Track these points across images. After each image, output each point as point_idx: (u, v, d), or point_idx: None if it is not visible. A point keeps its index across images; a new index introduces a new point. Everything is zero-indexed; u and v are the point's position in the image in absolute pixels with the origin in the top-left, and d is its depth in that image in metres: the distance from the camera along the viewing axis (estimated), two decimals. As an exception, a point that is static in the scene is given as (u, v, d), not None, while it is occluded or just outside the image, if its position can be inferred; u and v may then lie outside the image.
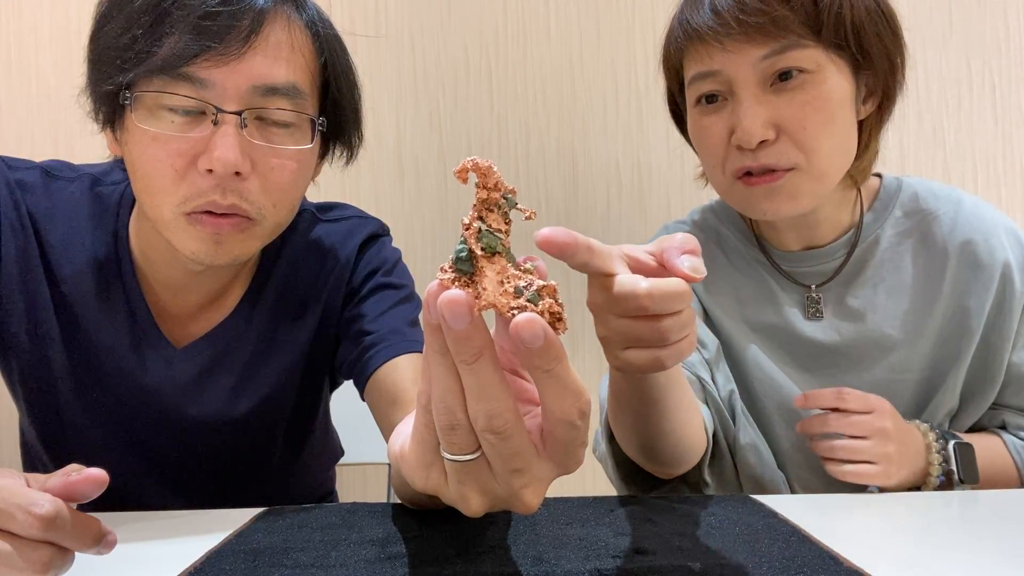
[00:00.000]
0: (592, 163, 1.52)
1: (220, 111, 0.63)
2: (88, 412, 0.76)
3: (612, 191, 1.52)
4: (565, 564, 0.48)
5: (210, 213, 0.64)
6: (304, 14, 0.68)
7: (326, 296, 0.81)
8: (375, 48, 1.49)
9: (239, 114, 0.63)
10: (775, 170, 0.73)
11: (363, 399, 0.76)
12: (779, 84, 0.72)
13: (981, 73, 1.51)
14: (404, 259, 0.86)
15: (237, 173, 0.63)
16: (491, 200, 0.34)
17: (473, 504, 0.36)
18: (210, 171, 0.62)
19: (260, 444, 0.83)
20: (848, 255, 0.83)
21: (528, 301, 0.33)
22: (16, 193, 0.73)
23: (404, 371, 0.71)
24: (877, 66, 0.74)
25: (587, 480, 0.72)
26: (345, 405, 0.97)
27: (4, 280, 0.72)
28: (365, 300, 0.80)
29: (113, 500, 0.52)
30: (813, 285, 0.84)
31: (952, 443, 0.73)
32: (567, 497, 0.63)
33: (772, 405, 0.83)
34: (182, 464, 0.80)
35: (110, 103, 0.65)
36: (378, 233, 0.86)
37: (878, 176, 0.87)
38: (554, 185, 1.51)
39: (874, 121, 0.79)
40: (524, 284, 0.33)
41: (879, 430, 0.71)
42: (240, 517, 0.60)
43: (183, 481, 0.80)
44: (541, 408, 0.35)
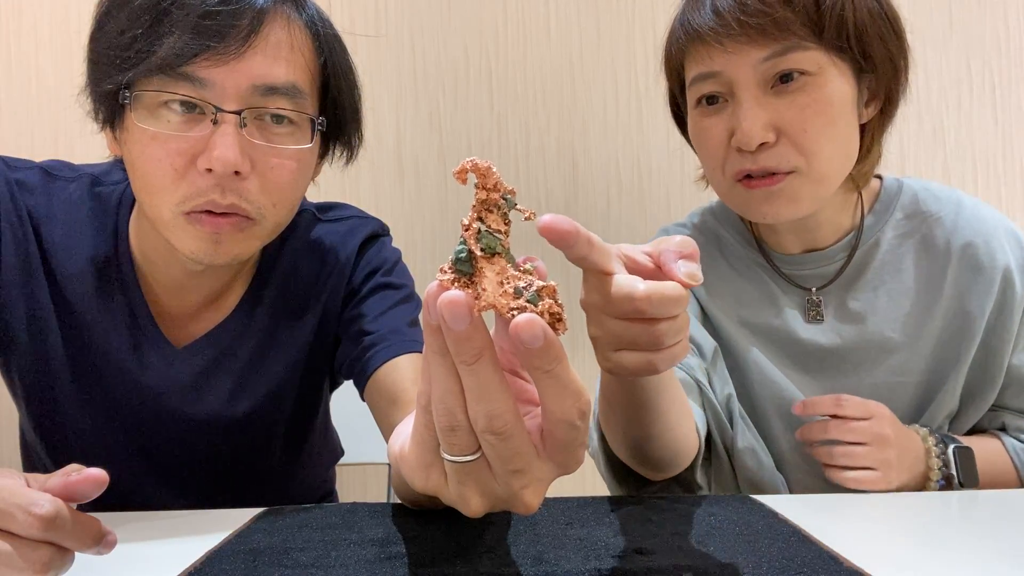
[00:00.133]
0: (592, 163, 1.52)
1: (220, 110, 0.63)
2: (88, 412, 0.76)
3: (612, 191, 1.52)
4: (565, 564, 0.48)
5: (209, 212, 0.64)
6: (304, 14, 0.68)
7: (326, 296, 0.81)
8: (375, 48, 1.49)
9: (239, 113, 0.63)
10: (775, 173, 0.73)
11: (363, 399, 0.76)
12: (780, 86, 0.72)
13: (981, 73, 1.51)
14: (404, 259, 0.86)
15: (237, 173, 0.63)
16: (490, 201, 0.34)
17: (473, 505, 0.36)
18: (209, 170, 0.62)
19: (260, 444, 0.83)
20: (849, 258, 0.83)
21: (528, 302, 0.32)
22: (16, 193, 0.73)
23: (404, 371, 0.71)
24: (880, 69, 0.74)
25: (587, 480, 0.72)
26: (345, 405, 0.97)
27: (4, 280, 0.72)
28: (365, 300, 0.80)
29: (113, 500, 0.52)
30: (813, 288, 0.84)
31: (952, 447, 0.73)
32: (567, 497, 0.63)
33: (772, 408, 0.83)
34: (182, 464, 0.80)
35: (110, 102, 0.65)
36: (378, 233, 0.86)
37: (878, 178, 0.87)
38: (554, 185, 1.51)
39: (876, 125, 0.78)
40: (524, 285, 0.33)
41: (878, 436, 0.71)
42: (240, 517, 0.60)
43: (183, 481, 0.80)
44: (541, 408, 0.34)
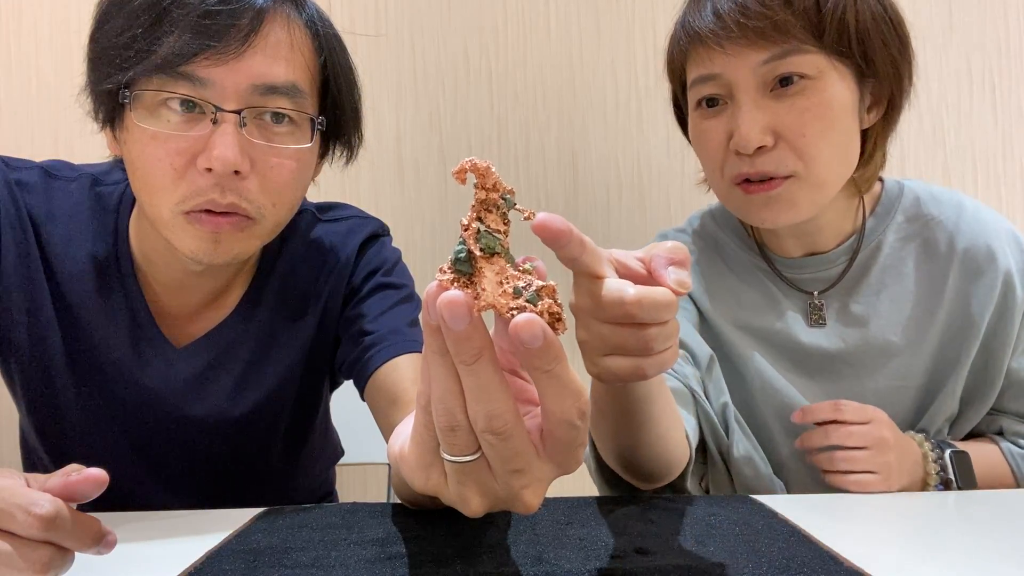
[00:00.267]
0: (592, 163, 1.52)
1: (219, 110, 0.63)
2: (88, 412, 0.76)
3: (612, 191, 1.52)
4: (565, 564, 0.48)
5: (209, 212, 0.64)
6: (304, 13, 0.68)
7: (326, 296, 0.81)
8: (375, 48, 1.48)
9: (238, 113, 0.63)
10: (772, 178, 0.72)
11: (363, 399, 0.76)
12: (779, 89, 0.71)
13: (981, 73, 1.51)
14: (404, 259, 0.86)
15: (236, 172, 0.63)
16: (490, 201, 0.34)
17: (473, 505, 0.36)
18: (209, 170, 0.62)
19: (260, 444, 0.83)
20: (850, 261, 0.82)
21: (527, 301, 0.32)
22: (16, 193, 0.73)
23: (404, 371, 0.71)
24: (882, 74, 0.73)
25: (587, 480, 0.71)
26: (345, 405, 0.97)
27: (4, 280, 0.72)
28: (365, 300, 0.80)
29: (113, 500, 0.52)
30: (815, 292, 0.83)
31: (948, 451, 0.73)
32: (567, 497, 0.63)
33: (772, 413, 0.82)
34: (182, 464, 0.80)
35: (110, 102, 0.65)
36: (378, 233, 0.86)
37: (879, 180, 0.86)
38: (554, 185, 1.51)
39: (879, 130, 0.77)
40: (523, 284, 0.33)
41: (878, 440, 0.70)
42: (240, 517, 0.60)
43: (183, 481, 0.80)
44: (541, 408, 0.34)
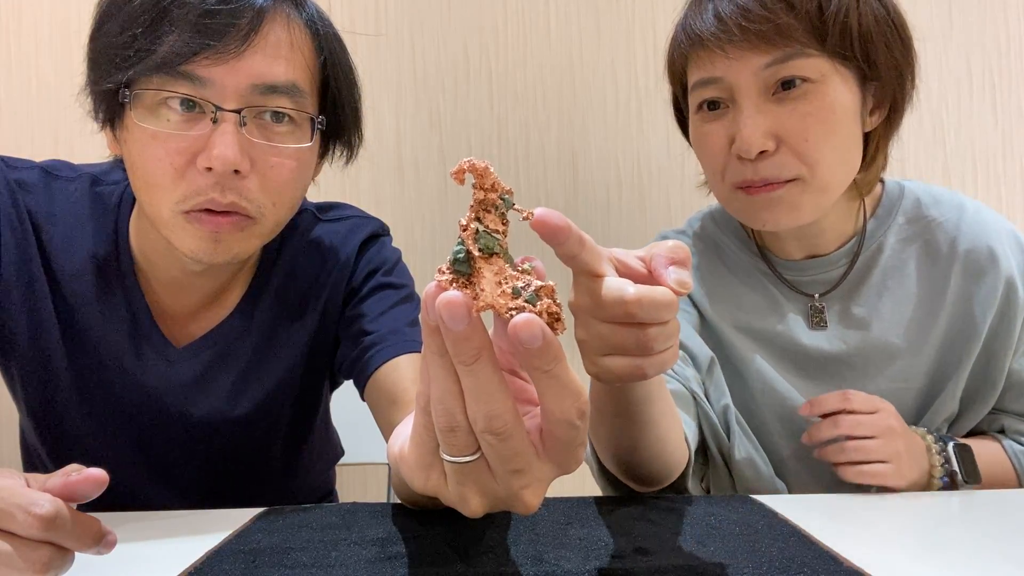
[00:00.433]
0: (592, 163, 1.52)
1: (219, 109, 0.63)
2: (88, 412, 0.76)
3: (612, 191, 1.52)
4: (565, 564, 0.48)
5: (209, 212, 0.64)
6: (304, 13, 0.68)
7: (326, 296, 0.81)
8: (375, 48, 1.49)
9: (238, 112, 0.63)
10: (775, 182, 0.72)
11: (363, 399, 0.76)
12: (781, 93, 0.71)
13: (981, 73, 1.51)
14: (404, 259, 0.86)
15: (236, 171, 0.63)
16: (488, 201, 0.34)
17: (473, 505, 0.36)
18: (209, 169, 0.62)
19: (260, 444, 0.83)
20: (851, 263, 0.82)
21: (526, 302, 0.32)
22: (16, 193, 0.73)
23: (404, 371, 0.71)
24: (885, 77, 0.72)
25: (587, 480, 0.71)
26: (345, 405, 0.97)
27: (4, 280, 0.71)
28: (365, 300, 0.80)
29: (113, 500, 0.52)
30: (816, 294, 0.83)
31: (951, 444, 0.73)
32: (567, 497, 0.63)
33: (772, 415, 0.82)
34: (182, 464, 0.80)
35: (110, 102, 0.65)
36: (378, 233, 0.86)
37: (880, 181, 0.86)
38: (554, 185, 1.51)
39: (881, 133, 0.77)
40: (522, 285, 0.33)
41: (887, 428, 0.70)
42: (240, 517, 0.60)
43: (183, 481, 0.80)
44: (540, 408, 0.34)
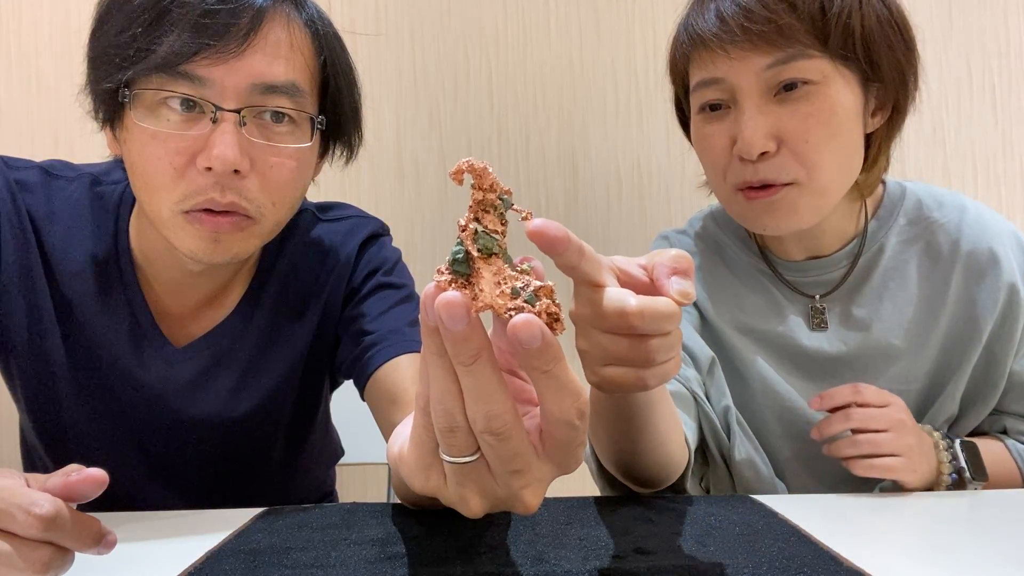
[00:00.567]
0: (592, 163, 1.52)
1: (219, 109, 0.63)
2: (88, 412, 0.76)
3: (612, 191, 1.52)
4: (565, 564, 0.48)
5: (209, 212, 0.64)
6: (303, 12, 0.68)
7: (326, 296, 0.81)
8: (375, 48, 1.49)
9: (238, 112, 0.63)
10: (773, 185, 0.72)
11: (363, 399, 0.76)
12: (783, 94, 0.70)
13: (981, 73, 1.51)
14: (404, 259, 0.86)
15: (236, 171, 0.63)
16: (487, 201, 0.34)
17: (473, 505, 0.36)
18: (209, 169, 0.62)
19: (260, 444, 0.83)
20: (852, 264, 0.82)
21: (525, 302, 0.32)
22: (16, 193, 0.73)
23: (404, 371, 0.71)
24: (887, 78, 0.72)
25: (587, 480, 0.71)
26: (345, 405, 0.97)
27: (4, 280, 0.72)
28: (365, 300, 0.80)
29: (113, 500, 0.52)
30: (817, 295, 0.83)
31: (957, 442, 0.73)
32: (567, 497, 0.63)
33: (773, 416, 0.82)
34: (182, 464, 0.80)
35: (109, 101, 0.65)
36: (378, 232, 0.86)
37: (881, 182, 0.85)
38: (554, 185, 1.51)
39: (883, 135, 0.76)
40: (521, 285, 0.33)
41: (898, 422, 0.70)
42: (240, 517, 0.60)
43: (183, 481, 0.80)
44: (540, 409, 0.34)
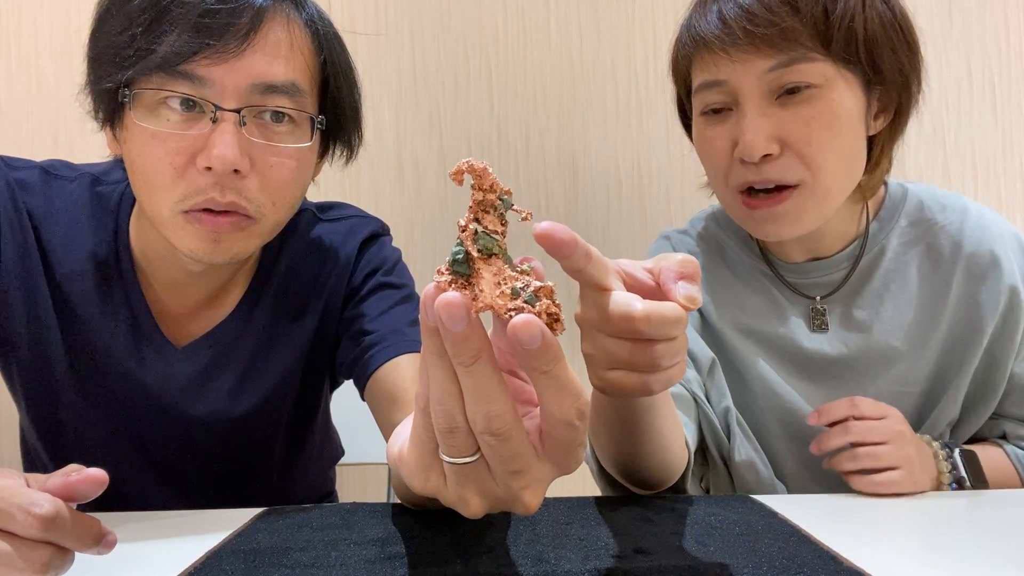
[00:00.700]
0: (592, 163, 1.51)
1: (219, 109, 0.63)
2: (88, 412, 0.76)
3: (612, 191, 1.52)
4: (565, 564, 0.48)
5: (209, 211, 0.64)
6: (303, 12, 0.68)
7: (326, 295, 0.81)
8: (375, 48, 1.48)
9: (238, 112, 0.63)
10: (781, 187, 0.72)
11: (363, 399, 0.76)
12: (785, 97, 0.70)
13: (981, 73, 1.51)
14: (404, 259, 0.86)
15: (236, 171, 0.63)
16: (487, 201, 0.34)
17: (473, 506, 0.36)
18: (209, 169, 0.62)
19: (260, 444, 0.83)
20: (853, 266, 0.82)
21: (525, 302, 0.32)
22: (16, 192, 0.73)
23: (404, 371, 0.71)
24: (890, 81, 0.72)
25: (587, 480, 0.71)
26: (345, 405, 0.97)
27: (4, 280, 0.72)
28: (365, 300, 0.80)
29: (113, 500, 0.52)
30: (818, 296, 0.83)
31: (956, 450, 0.73)
32: (567, 497, 0.63)
33: (774, 417, 0.82)
34: (182, 464, 0.80)
35: (109, 101, 0.65)
36: (378, 232, 0.86)
37: (882, 183, 0.85)
38: (554, 185, 1.51)
39: (886, 137, 0.76)
40: (521, 285, 0.33)
41: (897, 434, 0.70)
42: (240, 517, 0.60)
43: (183, 481, 0.80)
44: (540, 409, 0.34)
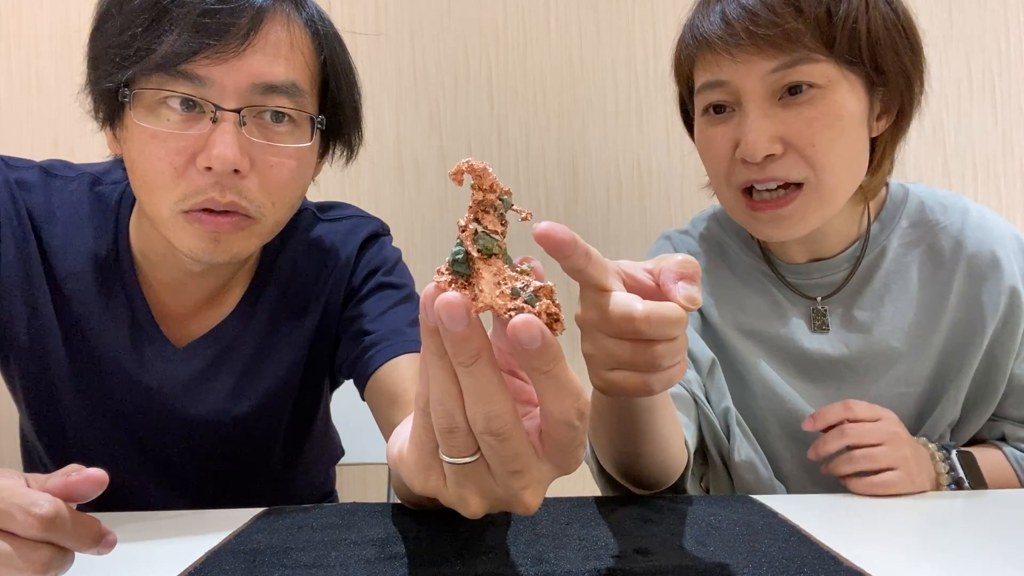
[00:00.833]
0: (592, 163, 1.51)
1: (219, 109, 0.63)
2: (88, 412, 0.76)
3: (612, 191, 1.52)
4: (565, 564, 0.48)
5: (208, 211, 0.64)
6: (303, 12, 0.68)
7: (326, 295, 0.81)
8: (375, 48, 1.48)
9: (238, 112, 0.63)
10: (786, 186, 0.72)
11: (363, 399, 0.76)
12: (788, 98, 0.70)
13: (981, 73, 1.51)
14: (404, 259, 0.86)
15: (236, 171, 0.63)
16: (487, 202, 0.34)
17: (472, 506, 0.36)
18: (209, 169, 0.62)
19: (260, 444, 0.83)
20: (854, 267, 0.82)
21: (525, 302, 0.32)
22: (16, 192, 0.73)
23: (404, 371, 0.71)
24: (892, 83, 0.72)
25: (587, 480, 0.71)
26: (345, 405, 0.97)
27: (4, 280, 0.72)
28: (365, 300, 0.80)
29: (113, 500, 0.53)
30: (819, 297, 0.83)
31: (953, 452, 0.73)
32: (567, 497, 0.63)
33: (774, 418, 0.82)
34: (182, 464, 0.80)
35: (109, 101, 0.65)
36: (378, 232, 0.86)
37: (884, 184, 0.85)
38: (554, 185, 1.51)
39: (888, 139, 0.76)
40: (521, 285, 0.33)
41: (892, 435, 0.70)
42: (240, 517, 0.60)
43: (183, 481, 0.80)
44: (539, 409, 0.34)
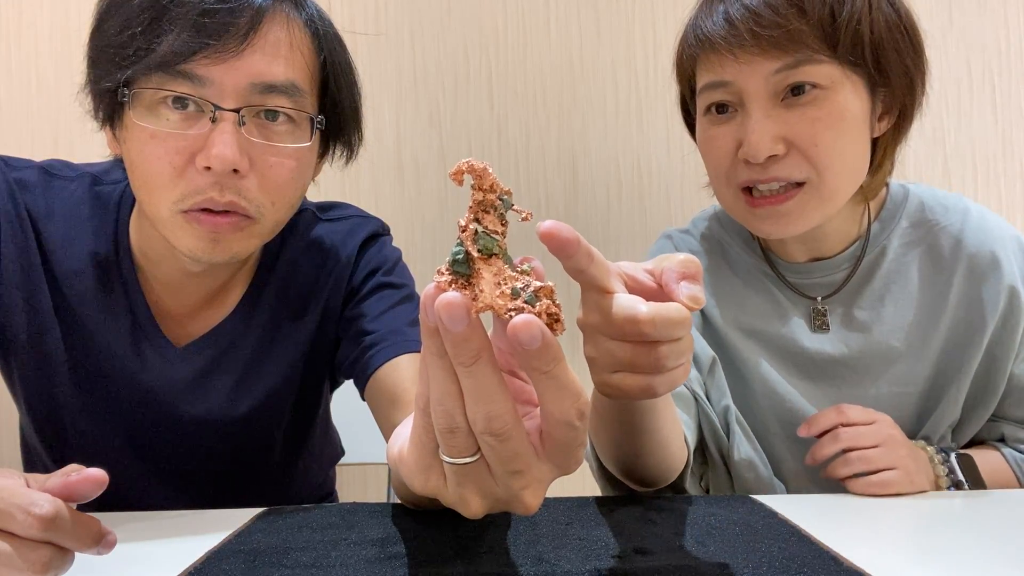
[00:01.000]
0: (592, 163, 1.52)
1: (218, 108, 0.63)
2: (88, 412, 0.76)
3: (612, 191, 1.52)
4: (565, 564, 0.48)
5: (208, 212, 0.64)
6: (303, 12, 0.68)
7: (326, 295, 0.81)
8: (375, 47, 1.48)
9: (237, 112, 0.63)
10: (786, 182, 0.72)
11: (363, 399, 0.76)
12: (791, 99, 0.71)
13: (981, 73, 1.51)
14: (404, 259, 0.86)
15: (235, 171, 0.63)
16: (487, 202, 0.34)
17: (473, 506, 0.36)
18: (208, 168, 0.62)
19: (260, 444, 0.83)
20: (855, 267, 0.82)
21: (525, 302, 0.32)
22: (16, 192, 0.73)
23: (405, 371, 0.71)
24: (895, 84, 0.72)
25: (587, 480, 0.71)
26: (345, 405, 0.97)
27: (4, 280, 0.72)
28: (365, 300, 0.80)
29: (113, 500, 0.52)
30: (819, 297, 0.83)
31: (952, 455, 0.73)
32: (567, 497, 0.63)
33: (774, 417, 0.82)
34: (182, 464, 0.80)
35: (109, 101, 0.65)
36: (378, 232, 0.86)
37: (884, 184, 0.85)
38: (554, 185, 1.51)
39: (890, 139, 0.77)
40: (521, 285, 0.33)
41: (888, 437, 0.70)
42: (240, 517, 0.60)
43: (183, 481, 0.80)
44: (540, 409, 0.34)
